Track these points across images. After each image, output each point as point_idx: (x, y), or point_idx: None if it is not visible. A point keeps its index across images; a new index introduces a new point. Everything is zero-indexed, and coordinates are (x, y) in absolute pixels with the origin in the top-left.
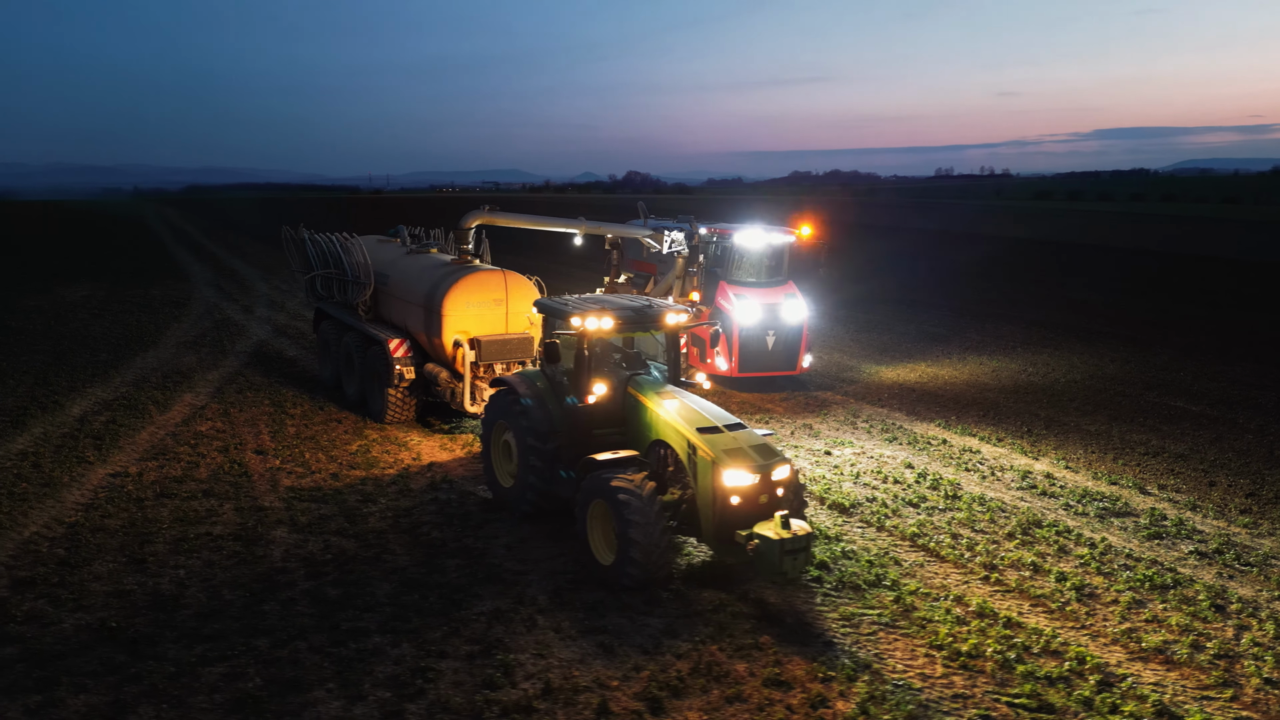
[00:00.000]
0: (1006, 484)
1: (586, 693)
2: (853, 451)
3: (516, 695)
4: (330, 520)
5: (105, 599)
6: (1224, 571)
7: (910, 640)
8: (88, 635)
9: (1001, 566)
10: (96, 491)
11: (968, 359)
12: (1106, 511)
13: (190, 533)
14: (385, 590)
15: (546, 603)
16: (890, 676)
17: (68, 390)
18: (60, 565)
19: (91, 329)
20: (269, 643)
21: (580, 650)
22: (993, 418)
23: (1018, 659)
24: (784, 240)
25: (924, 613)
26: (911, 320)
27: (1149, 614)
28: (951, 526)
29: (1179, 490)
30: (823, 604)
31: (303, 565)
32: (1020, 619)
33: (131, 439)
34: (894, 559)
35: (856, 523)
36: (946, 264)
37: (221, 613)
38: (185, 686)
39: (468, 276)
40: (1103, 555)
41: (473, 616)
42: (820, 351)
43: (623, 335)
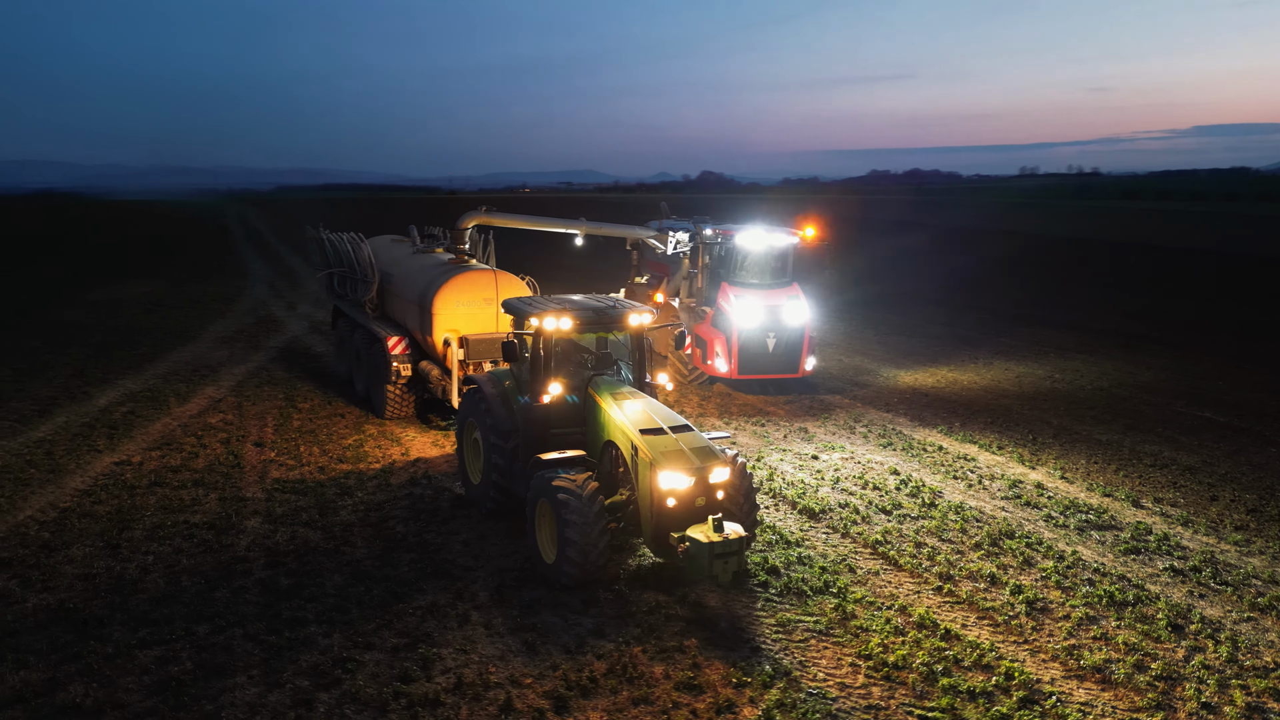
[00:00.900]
0: (991, 493)
1: (497, 689)
2: (841, 456)
3: (428, 689)
4: (304, 512)
5: (71, 581)
6: (1196, 590)
7: (840, 649)
8: (44, 615)
9: (958, 577)
10: (97, 479)
11: (994, 364)
12: (1088, 524)
13: (169, 520)
14: (335, 582)
15: (486, 599)
16: (807, 685)
17: (100, 382)
18: (41, 548)
19: (140, 324)
20: (209, 629)
21: (504, 647)
22: (1000, 425)
23: (944, 672)
24: (787, 242)
25: (862, 622)
26: (947, 323)
27: (1098, 631)
28: (919, 535)
29: (1175, 504)
30: (762, 609)
31: (265, 555)
32: (961, 631)
33: (145, 429)
34: (850, 566)
35: (823, 528)
36: (997, 265)
37: (174, 598)
38: (119, 667)
39: (458, 276)
40: (1068, 569)
41: (409, 610)
42: (840, 354)
43: (581, 336)
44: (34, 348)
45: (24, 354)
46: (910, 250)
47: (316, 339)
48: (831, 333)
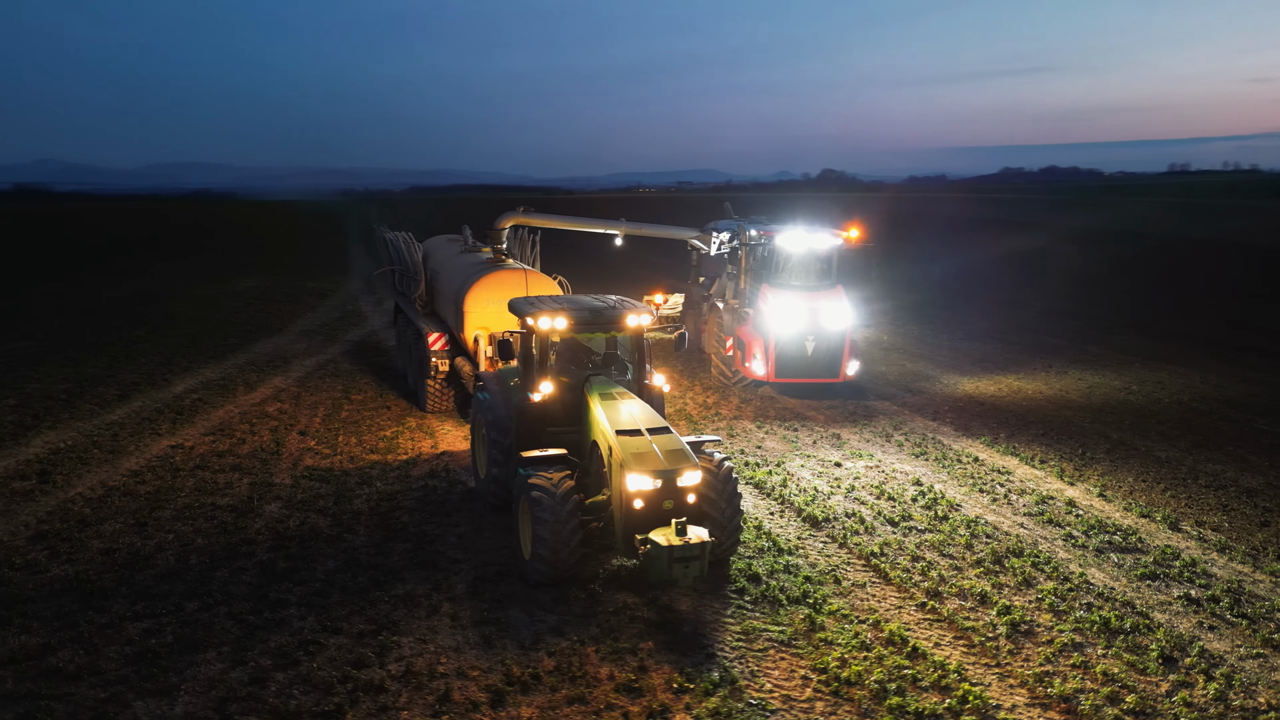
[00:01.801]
0: (1015, 509)
1: (441, 680)
2: (865, 464)
3: (376, 675)
4: (321, 499)
5: (93, 555)
6: (1206, 621)
7: (797, 660)
8: (60, 585)
9: (946, 594)
10: (149, 461)
11: (1068, 373)
12: (1110, 546)
13: (199, 502)
14: (327, 567)
15: (462, 591)
16: (750, 695)
17: (182, 370)
18: (78, 523)
19: (238, 316)
20: (198, 605)
21: (462, 639)
22: (1051, 437)
23: (897, 691)
24: (830, 244)
25: (829, 634)
26: (1034, 329)
27: (1079, 659)
28: (919, 549)
29: (1219, 529)
30: (731, 616)
31: (272, 538)
32: (931, 650)
33: (207, 416)
34: (836, 577)
35: (823, 537)
36: (1116, 268)
37: (178, 575)
38: (107, 637)
39: (490, 275)
40: (1069, 592)
41: (385, 598)
42: (904, 359)
43: (578, 336)
44: (137, 337)
45: (125, 342)
46: (1021, 252)
47: (391, 334)
48: (903, 336)
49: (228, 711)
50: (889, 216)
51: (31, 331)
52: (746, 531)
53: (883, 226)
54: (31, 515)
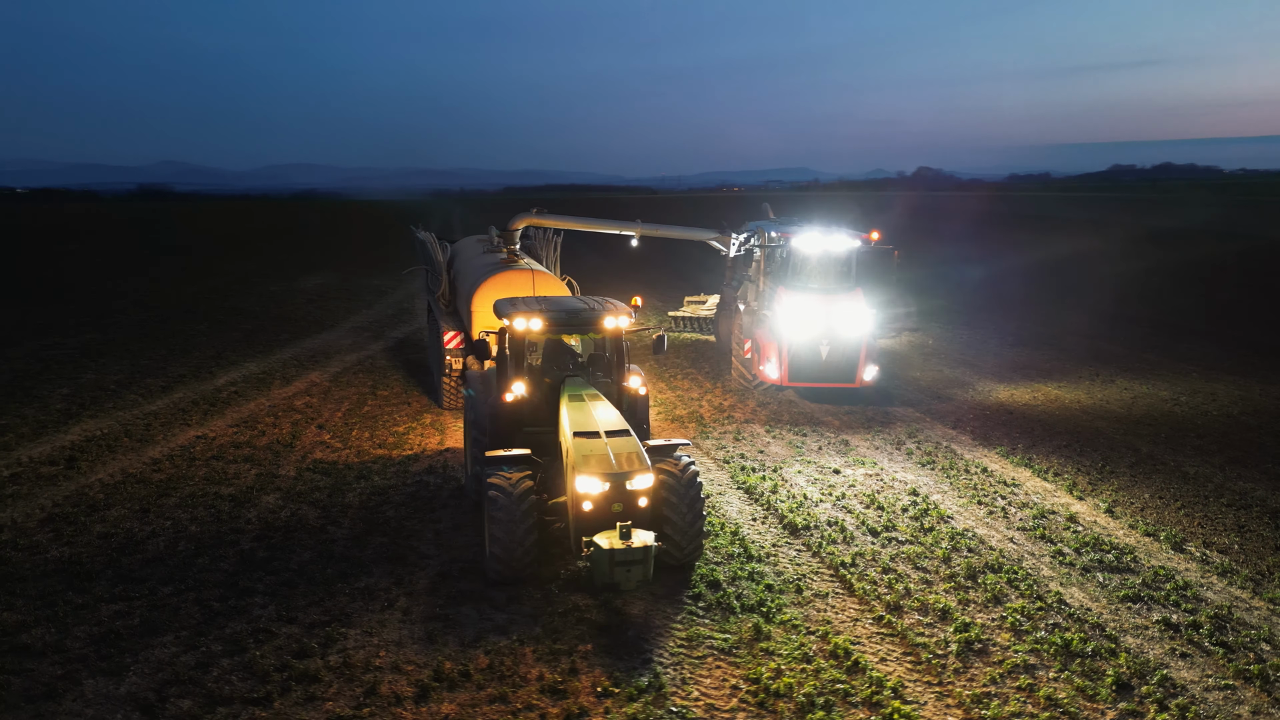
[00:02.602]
0: (1010, 523)
1: (375, 672)
2: (865, 472)
3: (313, 666)
4: (318, 491)
5: (92, 539)
6: (1180, 648)
7: (732, 670)
8: (55, 566)
9: (907, 608)
10: (172, 450)
11: (1115, 382)
12: (1100, 565)
13: (204, 491)
14: (302, 558)
15: (422, 586)
16: (675, 702)
17: (229, 364)
18: (89, 507)
19: (297, 312)
20: (171, 590)
21: (407, 634)
22: (1073, 449)
23: (824, 706)
24: (847, 245)
25: (773, 645)
26: (1090, 335)
27: (1025, 681)
28: (894, 560)
29: (1227, 551)
30: (680, 622)
31: (260, 528)
32: (875, 666)
33: (238, 408)
34: (799, 586)
35: (798, 545)
36: (1201, 271)
37: (162, 560)
38: (80, 617)
39: (497, 275)
40: (1038, 611)
41: (346, 590)
42: (943, 364)
43: (554, 336)
44: (197, 331)
45: (184, 336)
46: (1104, 254)
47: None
48: (950, 341)
49: (166, 693)
50: (984, 216)
51: (106, 325)
52: (721, 537)
53: (966, 227)
54: (49, 499)
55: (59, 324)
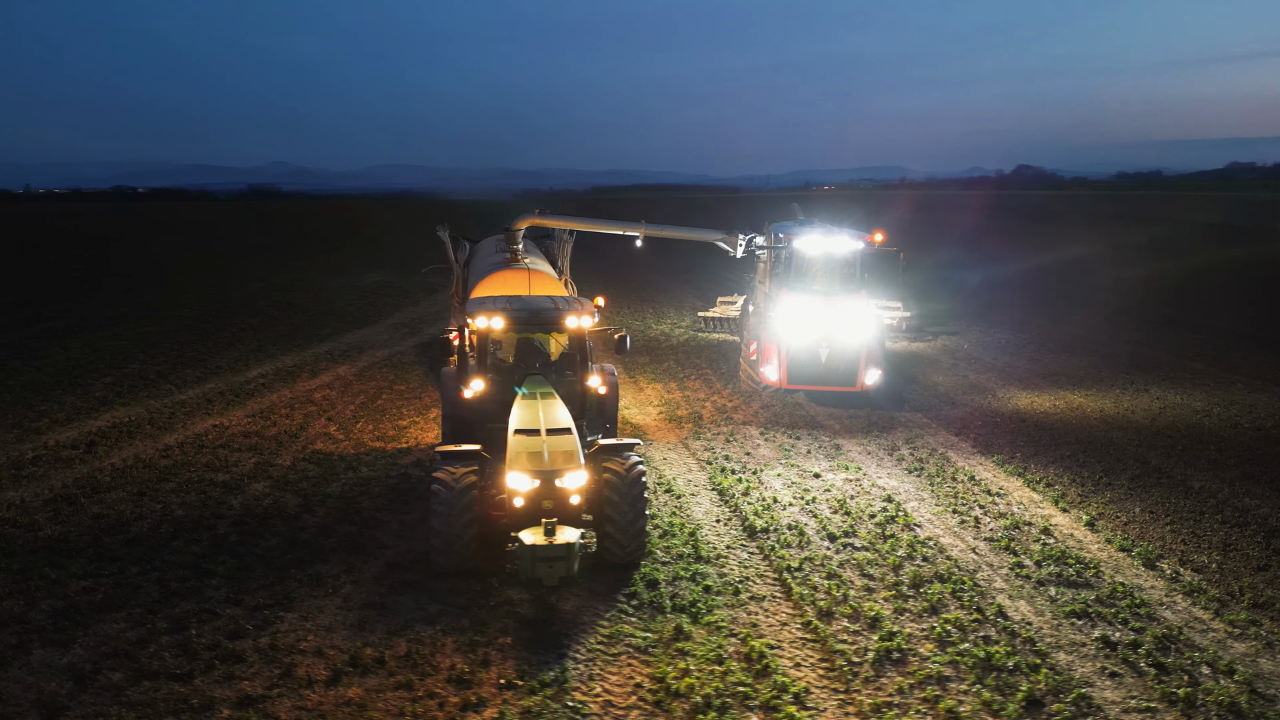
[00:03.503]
0: (978, 533)
1: (297, 655)
2: (846, 477)
3: (241, 646)
4: (305, 481)
5: (86, 519)
6: (1112, 668)
7: (642, 668)
8: (43, 543)
9: (839, 615)
10: (187, 437)
11: (1148, 391)
12: (1057, 579)
13: (202, 477)
14: (269, 544)
15: (371, 575)
16: (574, 698)
17: (266, 357)
18: (92, 490)
19: (346, 309)
20: (139, 569)
21: (341, 620)
22: (1079, 459)
23: (719, 708)
24: (850, 247)
25: (690, 645)
26: (1141, 341)
27: (933, 693)
28: (842, 566)
29: (1202, 570)
30: (608, 619)
31: (240, 514)
32: (786, 670)
33: (260, 399)
34: (737, 589)
35: (752, 548)
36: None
37: (141, 541)
38: (49, 592)
39: (494, 274)
40: (973, 623)
41: (298, 576)
42: (970, 369)
43: (515, 335)
44: (247, 325)
45: (233, 330)
46: (1180, 255)
47: None
48: (985, 345)
49: (101, 665)
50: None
51: (165, 318)
52: (678, 537)
53: (1048, 226)
54: (60, 480)
55: (124, 316)
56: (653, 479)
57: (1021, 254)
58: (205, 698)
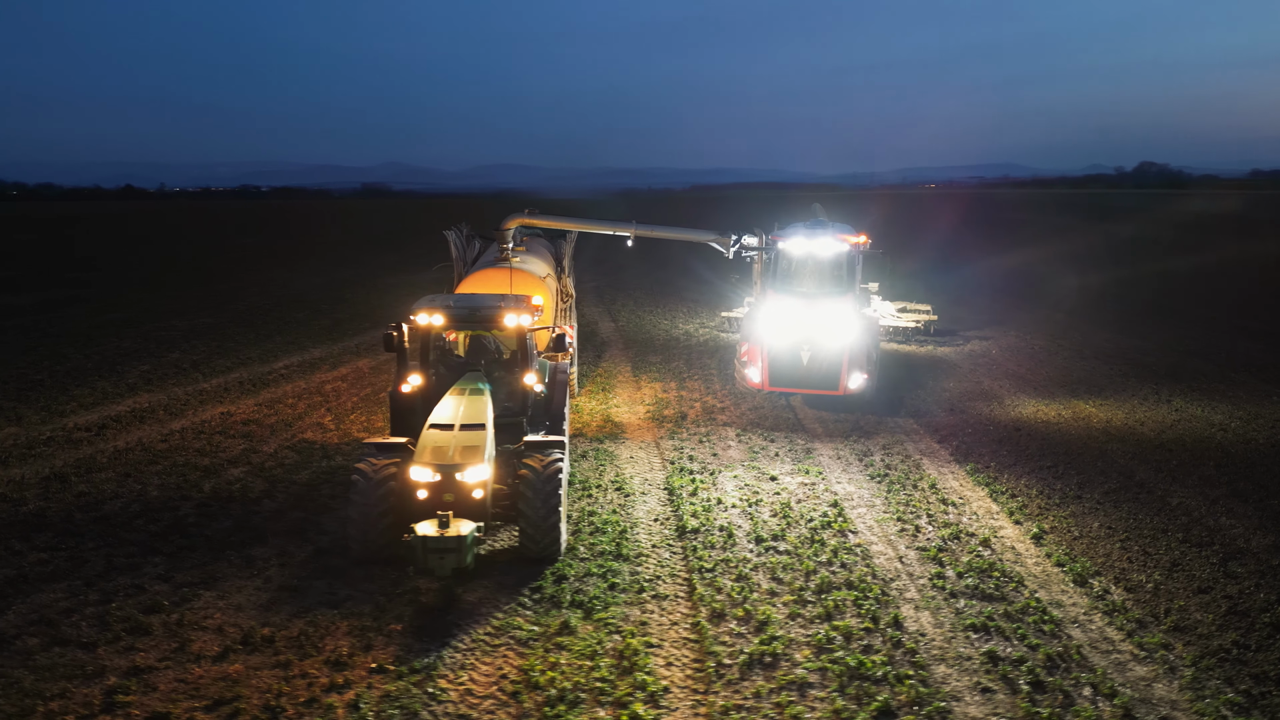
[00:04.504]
0: (914, 542)
1: (197, 630)
2: (802, 481)
3: (151, 620)
4: (279, 468)
5: (68, 497)
6: (987, 683)
7: (516, 660)
8: (22, 517)
9: (730, 617)
10: (192, 424)
11: (1170, 403)
12: (972, 591)
13: (188, 461)
14: (221, 526)
15: (300, 559)
16: (438, 685)
17: (298, 349)
18: (88, 469)
19: (393, 303)
20: (95, 544)
21: (253, 600)
22: (1057, 471)
23: (571, 701)
24: (836, 249)
25: (570, 640)
26: (1186, 350)
27: (786, 699)
28: (755, 570)
29: (1136, 589)
30: (505, 611)
31: (207, 497)
32: (653, 670)
33: (275, 389)
34: (643, 587)
35: (677, 548)
36: None
37: (109, 519)
38: (5, 561)
39: (477, 273)
40: (863, 631)
41: (234, 557)
42: (989, 375)
43: (453, 332)
44: (294, 319)
45: (278, 323)
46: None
47: None
48: (1016, 350)
49: (23, 632)
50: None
51: (222, 310)
52: (608, 534)
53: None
54: (62, 460)
55: (184, 308)
56: (609, 477)
57: (1114, 260)
58: (99, 666)
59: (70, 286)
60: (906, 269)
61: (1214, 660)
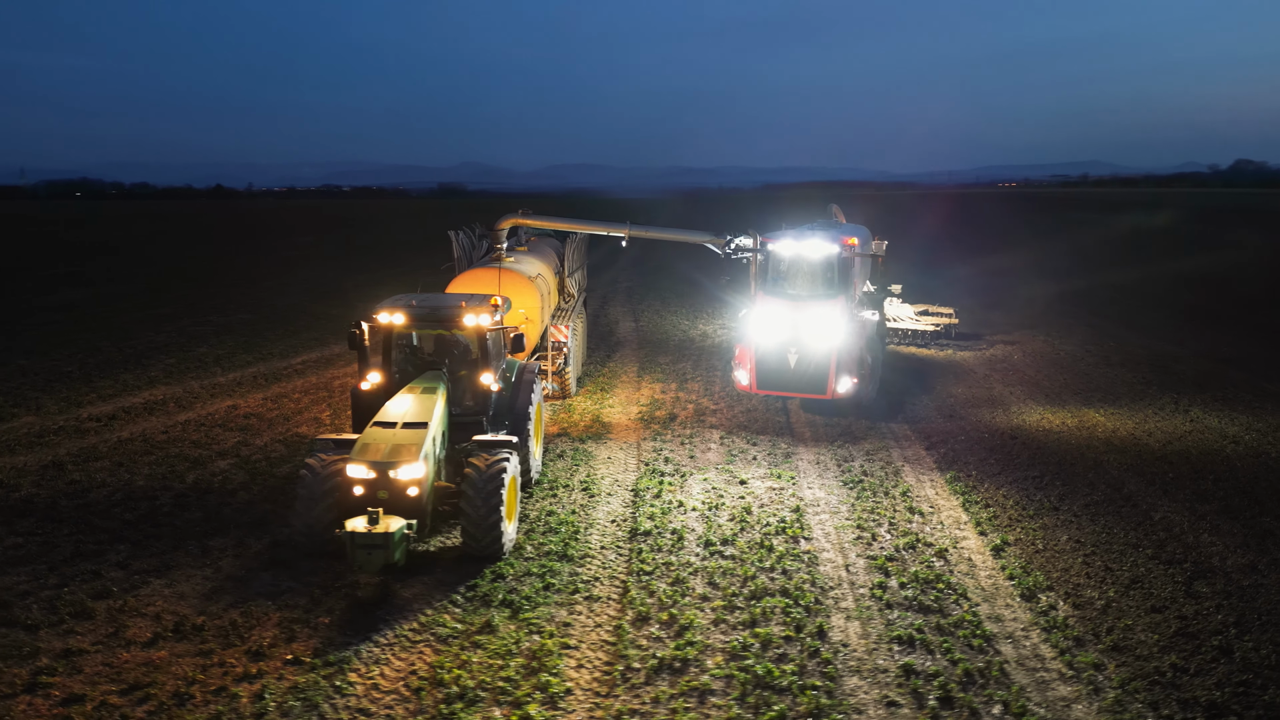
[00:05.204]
0: (865, 550)
1: (136, 617)
2: (771, 485)
3: (99, 606)
4: (264, 462)
5: (62, 485)
6: (892, 697)
7: (431, 656)
8: (13, 502)
9: (654, 620)
10: (198, 416)
11: (1187, 413)
12: (910, 603)
13: (182, 452)
14: (192, 516)
15: (255, 550)
16: (348, 679)
17: (320, 345)
18: (86, 458)
19: None
20: (69, 530)
21: (196, 588)
22: (1042, 482)
23: (471, 699)
24: (825, 252)
25: (489, 639)
26: (1227, 359)
27: (682, 705)
28: (693, 575)
29: (1086, 606)
30: (436, 607)
31: (188, 488)
32: (564, 671)
33: (285, 384)
34: (577, 588)
35: (624, 551)
36: None
37: (90, 507)
38: None
39: (467, 272)
40: (784, 639)
41: (193, 546)
42: (1001, 381)
43: (416, 331)
44: (326, 315)
45: (309, 319)
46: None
47: None
48: (1041, 356)
49: None
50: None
51: (260, 306)
52: (560, 533)
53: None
54: (65, 449)
55: (226, 305)
56: (579, 477)
57: (1193, 262)
58: (35, 647)
59: (127, 282)
60: (954, 272)
61: (1144, 683)
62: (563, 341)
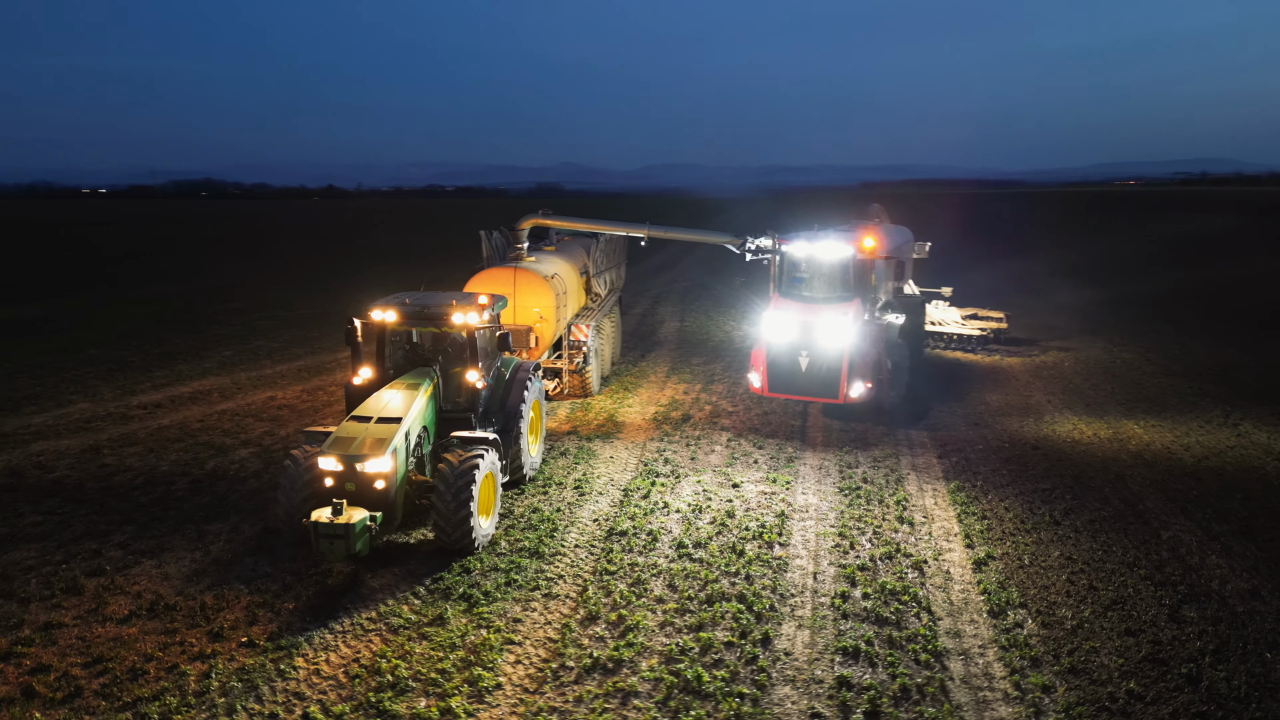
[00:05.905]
0: (840, 558)
1: (119, 595)
2: (762, 490)
3: (85, 583)
4: (282, 451)
5: (93, 468)
6: (823, 710)
7: (377, 646)
8: (45, 483)
9: (605, 621)
10: (236, 406)
11: (1236, 427)
12: (868, 615)
13: (212, 440)
14: (199, 501)
15: (246, 535)
16: (294, 664)
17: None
18: (124, 444)
19: None
20: (85, 511)
21: (179, 571)
22: (1052, 494)
23: (401, 689)
24: (839, 254)
25: (435, 631)
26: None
27: (601, 706)
28: (656, 576)
29: (1056, 625)
30: (397, 599)
31: (205, 475)
32: (498, 667)
33: (325, 377)
34: (538, 587)
35: (598, 550)
36: None
37: (110, 490)
38: (5, 522)
39: (482, 272)
40: (725, 644)
41: (191, 530)
42: (1041, 389)
43: (405, 329)
44: None
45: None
46: None
47: None
48: (1094, 363)
49: None
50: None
51: (327, 301)
52: (538, 531)
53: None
54: (107, 435)
55: (296, 300)
56: (575, 475)
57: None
58: (20, 619)
59: (213, 278)
60: (1024, 273)
61: (1091, 709)
62: (583, 340)
